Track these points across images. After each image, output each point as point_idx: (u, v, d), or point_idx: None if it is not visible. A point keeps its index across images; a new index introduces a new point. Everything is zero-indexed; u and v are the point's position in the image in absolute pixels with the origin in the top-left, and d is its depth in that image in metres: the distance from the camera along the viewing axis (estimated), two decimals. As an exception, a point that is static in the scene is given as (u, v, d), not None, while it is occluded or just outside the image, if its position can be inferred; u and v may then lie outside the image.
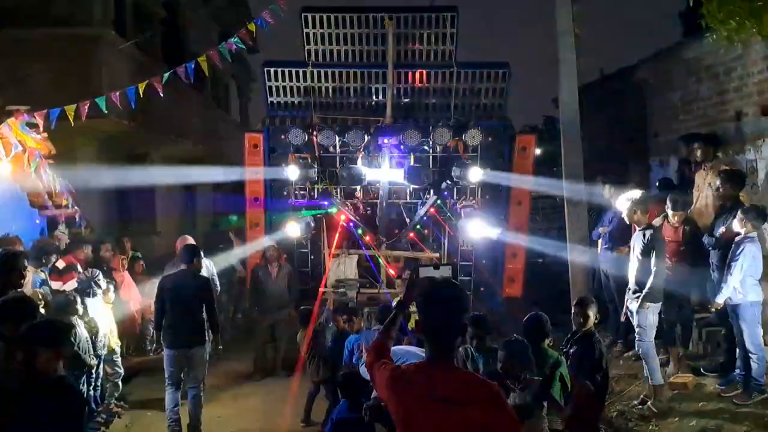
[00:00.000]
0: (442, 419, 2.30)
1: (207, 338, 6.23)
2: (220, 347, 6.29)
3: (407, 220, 8.61)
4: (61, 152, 7.83)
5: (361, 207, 8.93)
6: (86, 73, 8.98)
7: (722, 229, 6.01)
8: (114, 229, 10.33)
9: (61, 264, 6.67)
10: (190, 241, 7.05)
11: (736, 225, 5.70)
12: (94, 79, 9.06)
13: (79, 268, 6.74)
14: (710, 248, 6.18)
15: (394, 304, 2.91)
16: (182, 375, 6.13)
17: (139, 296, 7.64)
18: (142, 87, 6.97)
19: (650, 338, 5.98)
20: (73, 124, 6.77)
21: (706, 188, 7.11)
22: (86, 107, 6.87)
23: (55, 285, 6.38)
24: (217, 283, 7.54)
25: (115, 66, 9.58)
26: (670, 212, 6.42)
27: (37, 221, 7.81)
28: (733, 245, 5.67)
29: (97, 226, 8.91)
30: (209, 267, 7.37)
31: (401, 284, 6.94)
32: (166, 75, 6.97)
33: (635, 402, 6.10)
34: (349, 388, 4.70)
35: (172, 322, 5.99)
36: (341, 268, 8.62)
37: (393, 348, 3.00)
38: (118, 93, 7.05)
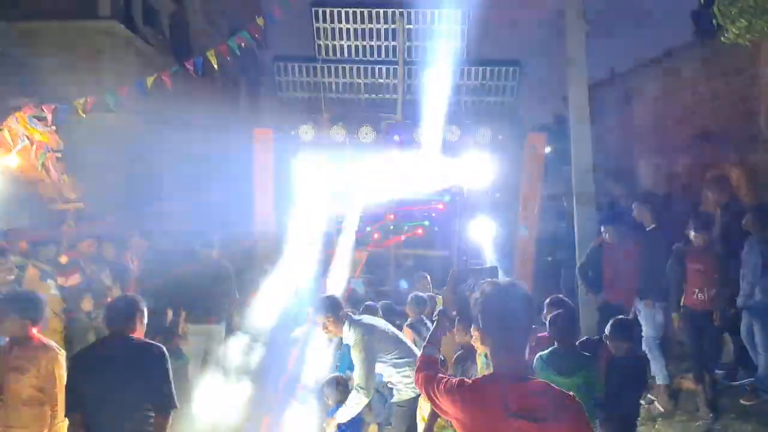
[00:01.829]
0: None
1: (223, 317, 6.79)
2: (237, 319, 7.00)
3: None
4: (69, 146, 7.84)
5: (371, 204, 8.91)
6: (95, 66, 9.00)
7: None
8: (122, 224, 10.34)
9: (63, 260, 6.69)
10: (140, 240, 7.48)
11: (747, 225, 5.68)
12: (103, 72, 9.09)
13: (82, 264, 6.74)
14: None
15: (435, 312, 2.74)
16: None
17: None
18: (150, 81, 6.97)
19: (657, 337, 5.99)
20: (85, 116, 6.77)
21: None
22: (94, 101, 6.88)
23: (59, 281, 6.40)
24: None
25: (124, 59, 9.59)
26: (692, 234, 5.80)
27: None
28: (745, 245, 5.64)
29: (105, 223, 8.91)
30: None
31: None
32: (176, 69, 6.96)
33: (642, 401, 6.07)
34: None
35: (192, 302, 6.62)
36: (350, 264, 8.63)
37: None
38: (126, 87, 7.06)
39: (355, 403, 4.39)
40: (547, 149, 9.80)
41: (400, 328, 5.37)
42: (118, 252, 7.44)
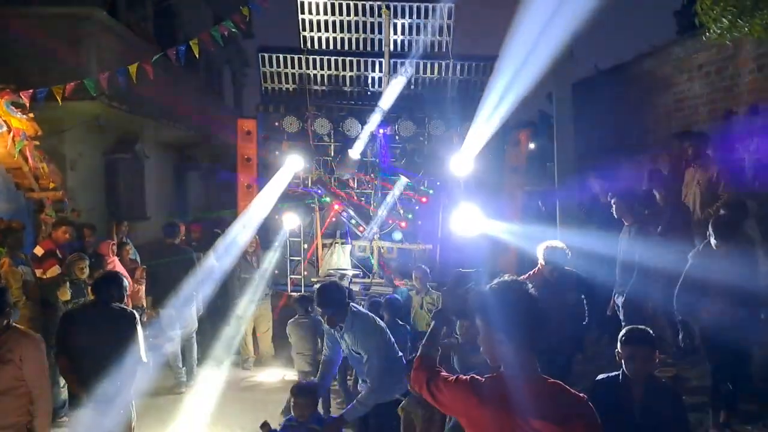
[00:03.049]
0: None
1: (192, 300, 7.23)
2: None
3: (401, 211, 8.58)
4: (48, 133, 7.72)
5: (355, 197, 8.90)
6: (76, 53, 8.86)
7: None
8: (102, 213, 10.24)
9: (39, 251, 6.57)
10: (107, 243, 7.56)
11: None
12: (84, 59, 8.95)
13: (59, 254, 6.64)
14: None
15: (432, 313, 2.68)
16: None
17: (129, 282, 7.55)
18: (133, 69, 6.87)
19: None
20: (60, 104, 6.65)
21: (694, 185, 7.16)
22: (74, 88, 6.76)
23: (37, 273, 6.30)
24: None
25: (106, 47, 9.45)
26: (713, 241, 5.06)
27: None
28: None
29: (84, 211, 8.82)
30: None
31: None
32: (157, 57, 6.88)
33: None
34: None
35: (162, 290, 6.99)
36: (334, 257, 8.62)
37: None
38: (107, 74, 6.95)
39: (372, 399, 4.21)
40: (531, 145, 9.86)
41: None
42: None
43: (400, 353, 4.59)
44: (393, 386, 4.39)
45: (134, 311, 4.54)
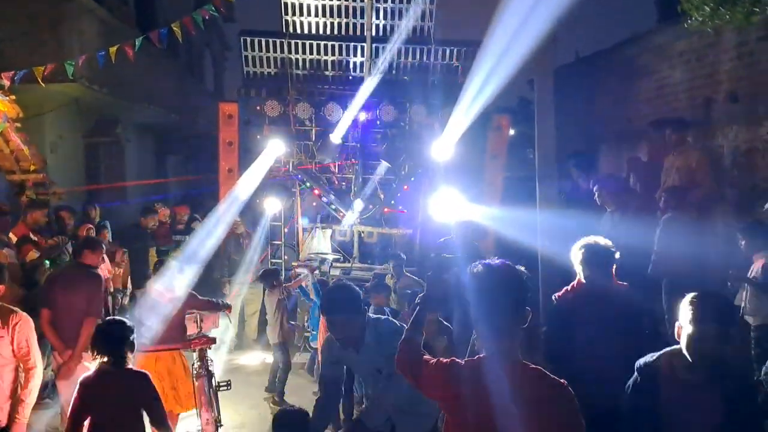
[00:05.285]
0: (511, 420, 2.09)
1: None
2: None
3: (381, 196, 8.62)
4: (28, 116, 7.65)
5: (336, 182, 8.92)
6: (57, 36, 8.76)
7: None
8: (82, 196, 10.17)
9: (13, 237, 6.52)
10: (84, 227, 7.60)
11: None
12: (65, 42, 8.85)
13: (33, 237, 6.60)
14: None
15: (417, 299, 2.64)
16: None
17: (107, 264, 7.52)
18: (113, 52, 6.80)
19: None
20: (43, 85, 6.58)
21: (673, 173, 7.26)
22: (53, 70, 6.69)
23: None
24: None
25: (87, 29, 9.35)
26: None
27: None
28: None
29: (65, 193, 8.76)
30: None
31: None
32: (139, 40, 6.81)
33: None
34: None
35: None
36: (315, 241, 8.65)
37: None
38: (85, 57, 6.88)
39: None
40: (512, 132, 9.90)
41: None
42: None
43: None
44: None
45: (99, 274, 5.16)
